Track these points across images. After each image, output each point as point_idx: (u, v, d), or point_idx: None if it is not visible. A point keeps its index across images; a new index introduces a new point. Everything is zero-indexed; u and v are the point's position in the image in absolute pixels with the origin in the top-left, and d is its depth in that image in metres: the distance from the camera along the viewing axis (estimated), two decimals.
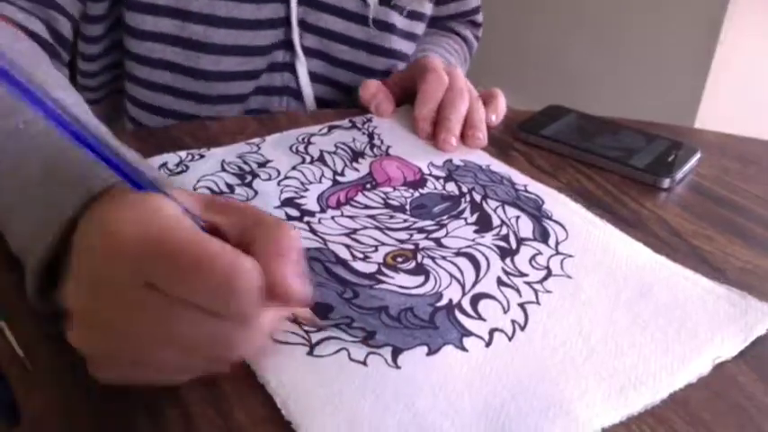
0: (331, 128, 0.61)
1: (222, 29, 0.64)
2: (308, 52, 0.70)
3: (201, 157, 0.55)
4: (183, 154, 0.55)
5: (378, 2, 0.69)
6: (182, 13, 0.63)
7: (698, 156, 0.59)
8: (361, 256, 0.44)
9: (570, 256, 0.45)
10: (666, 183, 0.55)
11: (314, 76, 0.71)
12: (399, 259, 0.44)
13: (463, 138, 0.59)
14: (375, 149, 0.58)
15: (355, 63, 0.71)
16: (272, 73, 0.70)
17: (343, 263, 0.43)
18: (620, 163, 0.57)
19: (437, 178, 0.54)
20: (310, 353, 0.36)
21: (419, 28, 0.76)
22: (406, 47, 0.74)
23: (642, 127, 0.65)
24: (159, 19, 0.63)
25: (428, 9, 0.76)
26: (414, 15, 0.74)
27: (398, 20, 0.72)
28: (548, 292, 0.42)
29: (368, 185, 0.52)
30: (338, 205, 0.49)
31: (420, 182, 0.53)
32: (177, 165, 0.54)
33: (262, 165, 0.54)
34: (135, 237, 0.29)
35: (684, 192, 0.55)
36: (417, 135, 0.60)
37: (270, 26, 0.67)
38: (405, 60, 0.75)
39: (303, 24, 0.68)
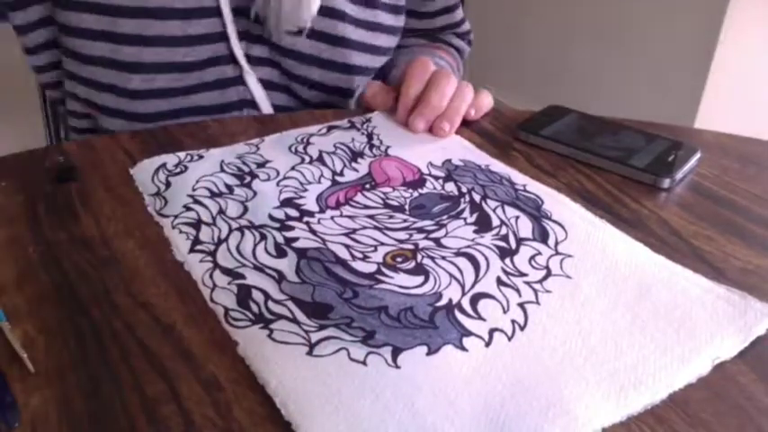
0: (330, 128, 0.61)
1: (152, 47, 0.63)
2: (259, 62, 0.68)
3: (200, 157, 0.55)
4: (182, 155, 0.55)
5: (316, 13, 0.66)
6: (114, 36, 0.63)
7: (698, 156, 0.59)
8: (360, 256, 0.44)
9: (570, 256, 0.45)
10: (666, 183, 0.55)
11: (269, 84, 0.70)
12: (399, 259, 0.44)
13: (432, 127, 0.61)
14: (374, 150, 0.58)
15: (309, 78, 0.70)
16: (225, 88, 0.68)
17: (343, 263, 0.43)
18: (620, 163, 0.57)
19: (436, 178, 0.54)
20: (310, 353, 0.36)
21: (380, 40, 0.73)
22: (364, 60, 0.71)
23: (642, 127, 0.65)
24: (93, 43, 0.63)
25: (388, 20, 0.73)
26: (371, 26, 0.71)
27: (352, 32, 0.69)
28: (547, 291, 0.42)
29: (367, 186, 0.52)
30: (337, 205, 0.49)
31: (419, 182, 0.53)
32: (176, 165, 0.54)
33: (261, 165, 0.54)
34: None
35: (684, 192, 0.55)
36: (396, 120, 0.62)
37: (204, 41, 0.65)
38: (366, 75, 0.73)
39: (248, 36, 0.67)
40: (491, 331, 0.38)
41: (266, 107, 0.70)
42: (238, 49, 0.67)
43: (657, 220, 0.51)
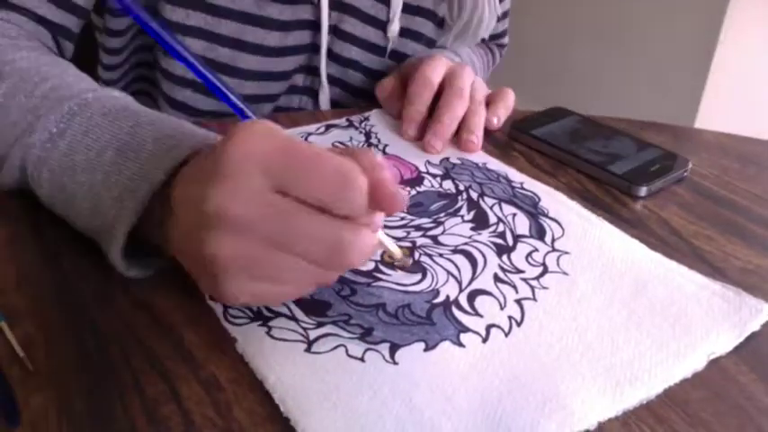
0: (328, 127, 0.62)
1: (249, 54, 0.64)
2: (330, 80, 0.70)
3: None
4: None
5: (398, 34, 0.70)
6: (212, 36, 0.63)
7: (687, 168, 0.58)
8: None
9: (566, 252, 0.45)
10: (642, 191, 0.54)
11: (334, 104, 0.72)
12: None
13: (458, 141, 0.59)
14: (372, 148, 0.58)
15: (371, 92, 0.71)
16: (291, 95, 0.70)
17: None
18: (598, 168, 0.56)
19: (434, 176, 0.54)
20: (308, 349, 0.36)
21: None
22: None
23: (643, 127, 0.65)
24: (189, 39, 0.63)
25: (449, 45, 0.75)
26: (430, 43, 0.74)
27: (416, 48, 0.72)
28: (544, 288, 0.42)
29: None
30: None
31: (417, 180, 0.54)
32: None
33: None
34: (262, 147, 0.33)
35: (684, 192, 0.55)
36: (403, 137, 0.60)
37: (294, 52, 0.67)
38: None
39: (329, 53, 0.68)
40: (488, 327, 0.39)
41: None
42: (323, 63, 0.68)
43: (657, 220, 0.51)
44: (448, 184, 0.53)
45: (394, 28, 0.69)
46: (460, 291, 0.41)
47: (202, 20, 0.62)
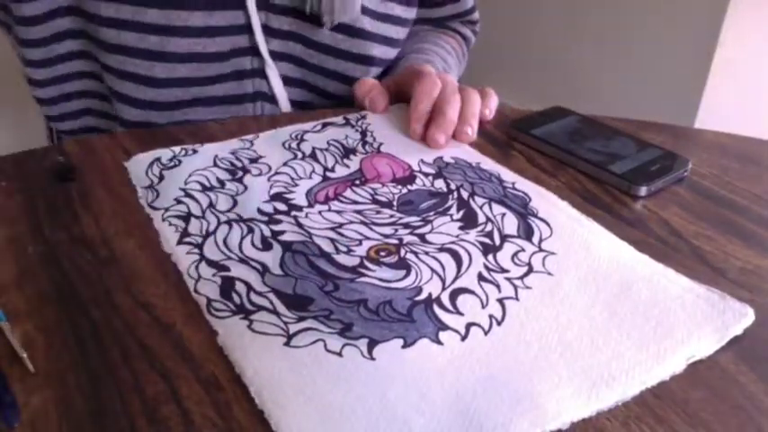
0: (325, 125, 0.62)
1: (177, 38, 0.65)
2: (277, 56, 0.69)
3: (195, 152, 0.56)
4: (176, 149, 0.56)
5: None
6: (140, 26, 0.64)
7: (687, 168, 0.58)
8: (344, 249, 0.45)
9: (553, 253, 0.45)
10: (642, 191, 0.54)
11: (287, 80, 0.71)
12: (383, 253, 0.44)
13: (454, 132, 0.60)
14: (367, 146, 0.58)
15: (326, 68, 0.71)
16: (242, 80, 0.69)
17: (327, 256, 0.44)
18: (598, 168, 0.56)
19: (426, 175, 0.54)
20: (287, 344, 0.37)
21: (394, 32, 0.74)
22: (380, 52, 0.73)
23: (642, 128, 0.65)
24: (123, 32, 0.64)
25: (401, 12, 0.74)
26: (386, 18, 0.73)
27: (368, 23, 0.71)
28: (527, 288, 0.42)
29: (357, 181, 0.53)
30: (326, 200, 0.50)
31: (409, 178, 0.54)
32: (170, 159, 0.54)
33: (254, 160, 0.55)
34: None
35: (684, 192, 0.55)
36: (411, 136, 0.60)
37: (226, 33, 0.66)
38: (381, 66, 0.74)
39: (267, 30, 0.68)
40: (468, 326, 0.39)
41: (284, 100, 0.71)
42: (262, 41, 0.68)
43: (657, 220, 0.51)
44: (440, 183, 0.53)
45: None
46: (443, 289, 0.41)
47: (130, 12, 0.63)
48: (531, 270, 0.44)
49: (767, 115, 1.88)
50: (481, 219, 0.49)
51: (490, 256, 0.45)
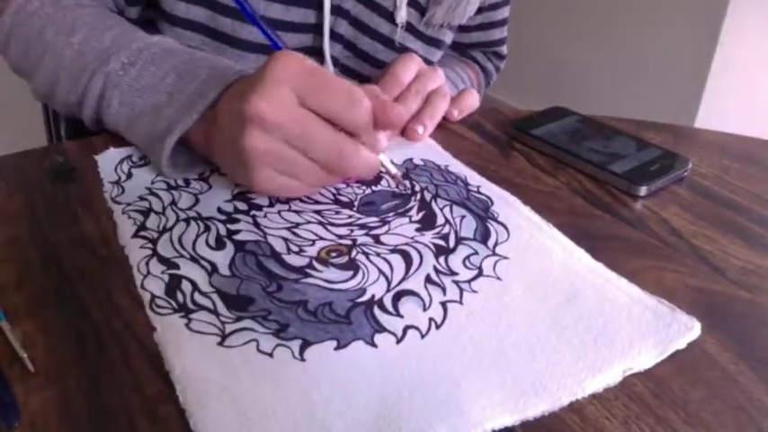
0: None
1: (250, 25, 0.65)
2: (334, 62, 0.71)
3: None
4: None
5: (405, 27, 0.71)
6: (214, 4, 0.65)
7: (687, 167, 0.58)
8: (296, 249, 0.44)
9: (505, 258, 0.45)
10: (642, 191, 0.54)
11: None
12: (333, 254, 0.44)
13: (405, 129, 0.60)
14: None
15: (362, 75, 0.72)
16: None
17: (277, 256, 0.44)
18: (598, 167, 0.56)
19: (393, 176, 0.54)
20: (221, 343, 0.37)
21: (436, 56, 0.77)
22: None
23: (643, 127, 0.65)
24: (191, 7, 0.65)
25: (448, 38, 0.77)
26: (432, 42, 0.75)
27: (418, 46, 0.73)
28: (473, 292, 0.42)
29: None
30: (288, 200, 0.50)
31: (374, 179, 0.53)
32: (141, 158, 0.54)
33: None
34: (295, 67, 0.44)
35: (684, 192, 0.55)
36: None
37: (297, 30, 0.67)
38: None
39: (333, 34, 0.69)
40: (405, 328, 0.38)
41: None
42: (328, 45, 0.69)
43: (657, 220, 0.51)
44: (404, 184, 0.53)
45: (402, 14, 0.70)
46: (387, 290, 0.41)
47: None
48: (480, 274, 0.43)
49: (767, 115, 1.88)
50: (440, 221, 0.48)
51: (442, 259, 0.44)
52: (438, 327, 0.39)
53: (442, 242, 0.46)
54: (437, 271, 0.43)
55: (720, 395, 0.36)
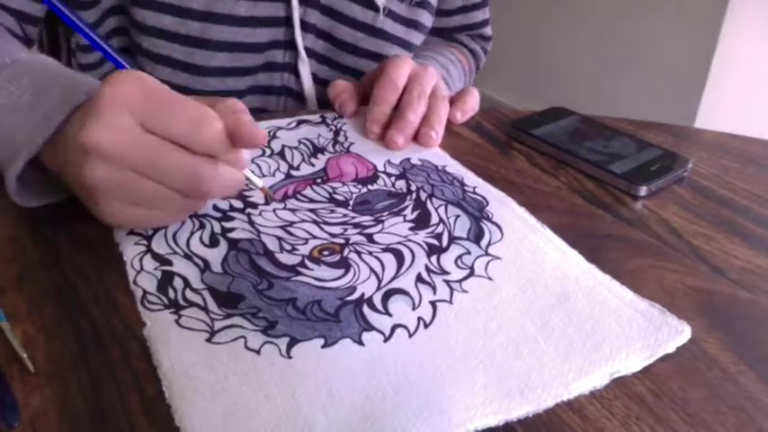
0: (300, 122, 0.62)
1: (219, 25, 0.66)
2: (309, 53, 0.71)
3: None
4: None
5: (386, 11, 0.70)
6: (182, 11, 0.65)
7: (687, 167, 0.58)
8: (289, 248, 0.44)
9: (498, 258, 0.45)
10: (642, 191, 0.54)
11: (314, 78, 0.72)
12: (326, 252, 0.44)
13: (417, 135, 0.59)
14: (338, 146, 0.58)
15: (344, 65, 0.72)
16: (272, 72, 0.71)
17: (269, 254, 0.44)
18: (598, 167, 0.56)
19: (389, 176, 0.54)
20: (209, 339, 0.37)
21: (417, 38, 0.76)
22: (396, 53, 0.73)
23: (642, 128, 0.65)
24: (161, 16, 0.65)
25: (426, 19, 0.76)
26: (411, 24, 0.74)
27: (398, 29, 0.73)
28: (464, 291, 0.41)
29: (318, 180, 0.53)
30: (284, 198, 0.50)
31: (371, 178, 0.54)
32: None
33: None
34: (135, 89, 0.40)
35: (684, 192, 0.56)
36: (368, 136, 0.60)
37: (267, 24, 0.67)
38: None
39: (304, 25, 0.69)
40: (394, 327, 0.38)
41: (311, 95, 0.72)
42: (300, 36, 0.69)
43: (657, 219, 0.51)
44: (401, 184, 0.53)
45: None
46: (378, 289, 0.41)
47: None
48: (471, 273, 0.43)
49: (767, 115, 1.88)
50: (434, 220, 0.48)
51: (434, 258, 0.44)
52: (426, 326, 0.38)
53: (435, 241, 0.46)
54: (429, 270, 0.43)
55: (720, 395, 0.36)
